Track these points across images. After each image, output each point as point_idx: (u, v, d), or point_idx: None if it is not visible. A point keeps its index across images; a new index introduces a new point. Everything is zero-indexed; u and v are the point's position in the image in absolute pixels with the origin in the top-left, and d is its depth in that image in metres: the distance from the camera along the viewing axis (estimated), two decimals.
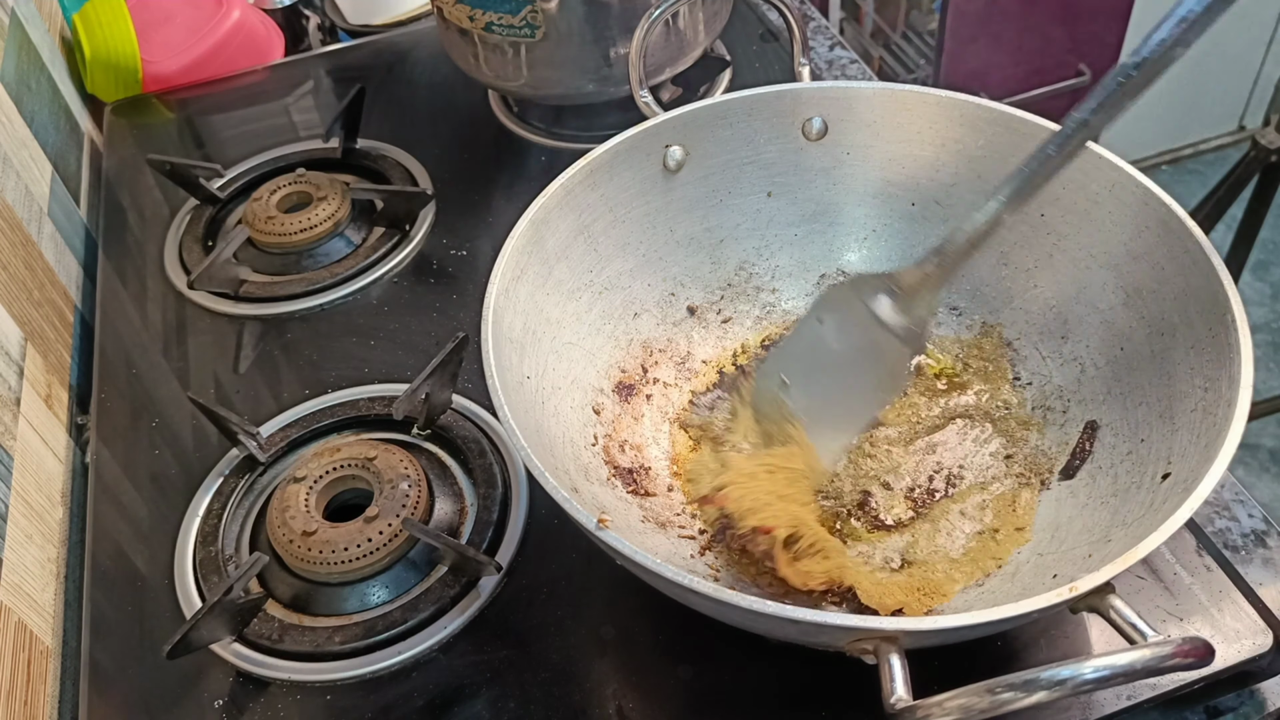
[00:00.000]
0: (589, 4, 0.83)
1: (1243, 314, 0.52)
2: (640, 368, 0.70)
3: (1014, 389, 0.67)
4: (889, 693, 0.42)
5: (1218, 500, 0.63)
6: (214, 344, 0.81)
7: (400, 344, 0.79)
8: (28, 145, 0.88)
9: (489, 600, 0.62)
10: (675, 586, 0.46)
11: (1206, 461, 0.48)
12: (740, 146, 0.70)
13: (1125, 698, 0.55)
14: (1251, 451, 1.81)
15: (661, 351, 0.71)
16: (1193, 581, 0.59)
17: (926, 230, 0.70)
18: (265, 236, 0.86)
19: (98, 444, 0.74)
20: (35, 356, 0.76)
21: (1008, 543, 0.59)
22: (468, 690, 0.58)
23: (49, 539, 0.70)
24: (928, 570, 0.59)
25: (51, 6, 1.10)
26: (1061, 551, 0.56)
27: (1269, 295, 2.05)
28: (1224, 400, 0.51)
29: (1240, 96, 2.24)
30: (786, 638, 0.50)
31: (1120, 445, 0.59)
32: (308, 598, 0.63)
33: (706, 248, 0.73)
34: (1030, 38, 1.80)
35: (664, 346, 0.71)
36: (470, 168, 0.94)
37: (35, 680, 0.62)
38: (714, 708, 0.57)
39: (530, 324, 0.62)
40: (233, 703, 0.59)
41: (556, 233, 0.65)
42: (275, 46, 1.11)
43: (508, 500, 0.67)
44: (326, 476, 0.66)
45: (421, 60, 1.07)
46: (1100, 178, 0.61)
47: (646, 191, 0.69)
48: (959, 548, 0.61)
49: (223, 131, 1.03)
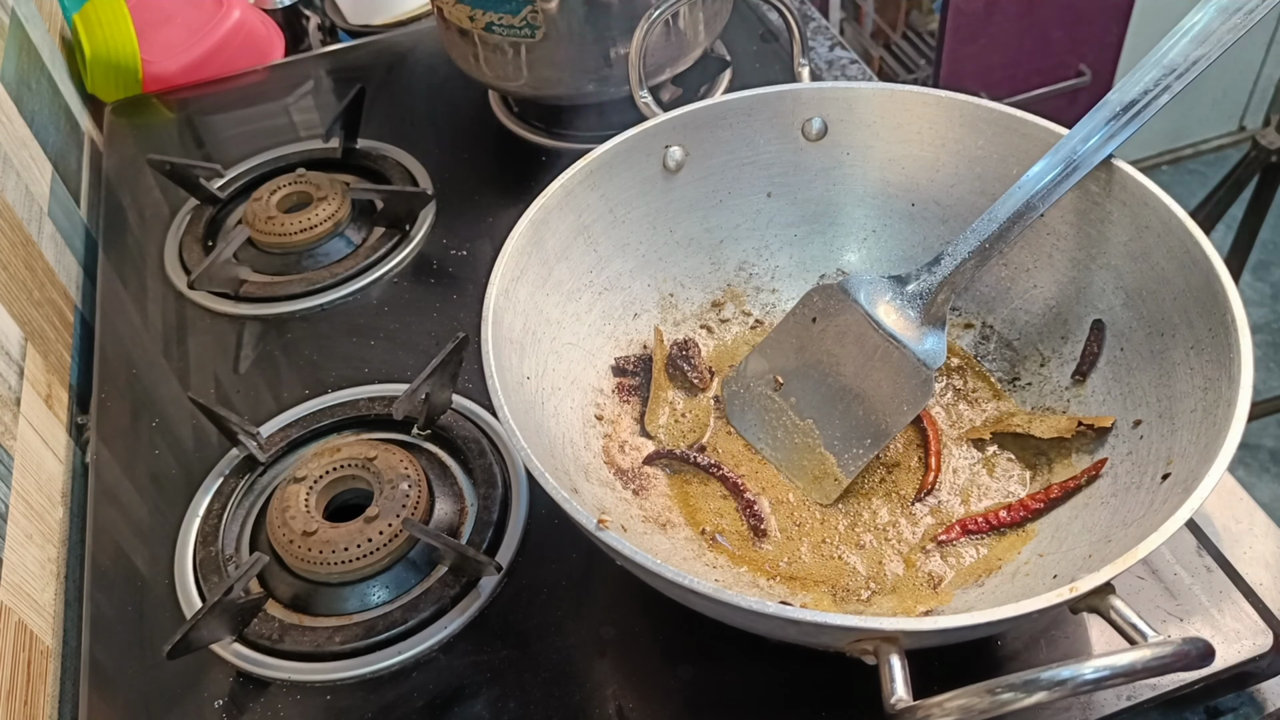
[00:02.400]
0: (589, 4, 0.83)
1: (1243, 314, 0.52)
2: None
3: (1014, 389, 0.67)
4: (889, 693, 0.42)
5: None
6: (214, 344, 0.81)
7: (400, 344, 0.79)
8: (28, 145, 0.88)
9: (489, 600, 0.62)
10: (675, 587, 0.46)
11: (1206, 461, 0.48)
12: (740, 147, 0.70)
13: (1125, 698, 0.55)
14: (1251, 451, 1.81)
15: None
16: (1193, 581, 0.59)
17: (926, 230, 0.70)
18: (265, 236, 0.86)
19: (98, 444, 0.74)
20: (35, 356, 0.76)
21: (1009, 542, 0.60)
22: (468, 690, 0.58)
23: (49, 539, 0.70)
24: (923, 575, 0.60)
25: (51, 6, 1.10)
26: (1061, 551, 0.56)
27: (1269, 295, 2.05)
28: (1224, 400, 0.51)
29: (1240, 96, 2.24)
30: (787, 638, 0.51)
31: (1120, 445, 0.59)
32: (308, 598, 0.63)
33: (706, 248, 0.73)
34: (1030, 38, 1.80)
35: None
36: (470, 168, 0.94)
37: (35, 680, 0.62)
38: (714, 708, 0.57)
39: (530, 324, 0.62)
40: (233, 703, 0.59)
41: (556, 233, 0.65)
42: (275, 46, 1.11)
43: (508, 500, 0.67)
44: (326, 476, 0.66)
45: (421, 60, 1.07)
46: (1100, 178, 0.61)
47: (646, 192, 0.69)
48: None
49: (223, 131, 1.03)
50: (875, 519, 0.63)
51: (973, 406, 0.68)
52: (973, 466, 0.64)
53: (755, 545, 0.62)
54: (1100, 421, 0.60)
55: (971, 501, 0.63)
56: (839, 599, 0.59)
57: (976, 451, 0.65)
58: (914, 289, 0.64)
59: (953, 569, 0.59)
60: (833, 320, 0.65)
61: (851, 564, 0.60)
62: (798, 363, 0.66)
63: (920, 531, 0.62)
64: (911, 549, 0.61)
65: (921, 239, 0.71)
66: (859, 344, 0.64)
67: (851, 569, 0.60)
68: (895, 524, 0.62)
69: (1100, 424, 0.60)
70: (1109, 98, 0.60)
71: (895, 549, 0.61)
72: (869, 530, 0.62)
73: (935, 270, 0.63)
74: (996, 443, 0.65)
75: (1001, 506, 0.61)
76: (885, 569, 0.60)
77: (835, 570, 0.60)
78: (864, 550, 0.61)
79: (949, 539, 0.60)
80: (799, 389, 0.66)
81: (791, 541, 0.62)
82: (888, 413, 0.63)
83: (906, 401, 0.63)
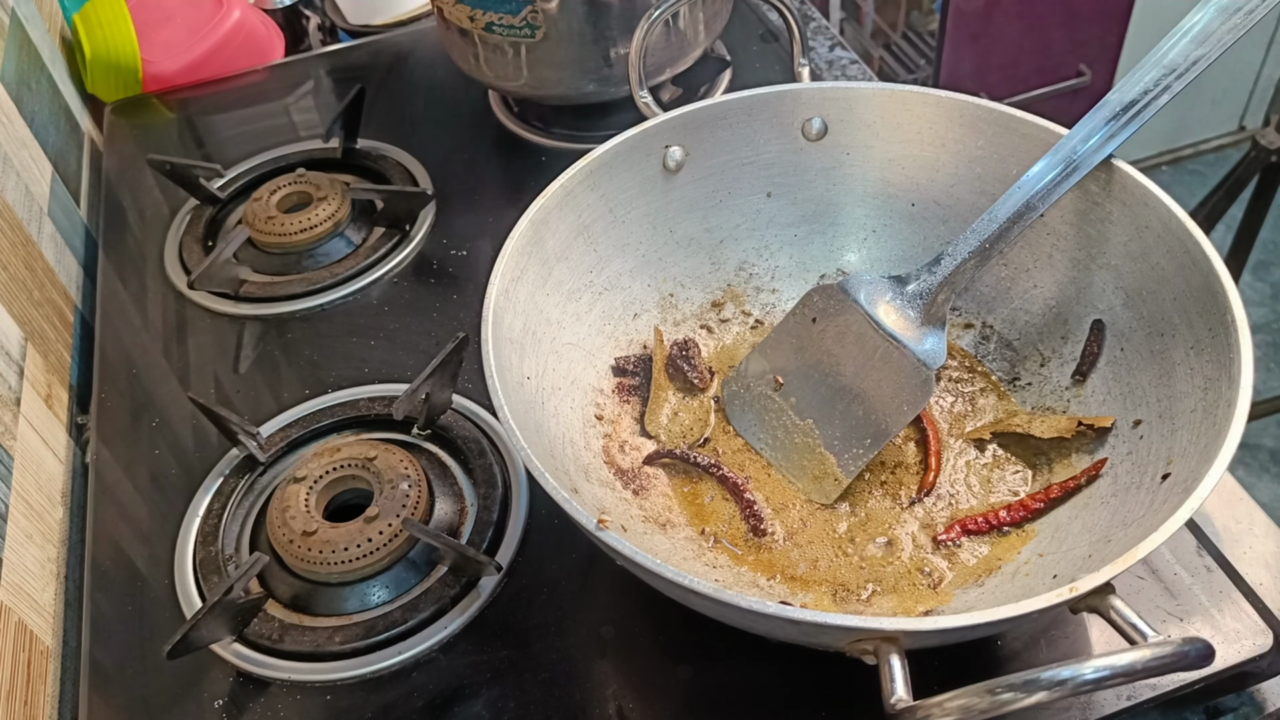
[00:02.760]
0: (589, 4, 0.83)
1: (1243, 314, 0.52)
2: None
3: (1014, 389, 0.67)
4: (889, 693, 0.42)
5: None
6: (214, 344, 0.81)
7: (400, 344, 0.79)
8: (28, 145, 0.88)
9: (489, 600, 0.62)
10: (675, 586, 0.46)
11: (1206, 462, 0.48)
12: (740, 147, 0.70)
13: (1125, 698, 0.55)
14: (1251, 452, 1.81)
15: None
16: (1193, 581, 0.59)
17: (926, 230, 0.70)
18: (265, 236, 0.86)
19: (98, 444, 0.74)
20: (35, 356, 0.76)
21: (1009, 542, 0.60)
22: (468, 690, 0.58)
23: (49, 539, 0.70)
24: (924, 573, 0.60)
25: (51, 6, 1.10)
26: (1061, 551, 0.56)
27: (1269, 295, 2.05)
28: (1224, 400, 0.51)
29: (1240, 96, 2.24)
30: (787, 638, 0.50)
31: (1120, 445, 0.59)
32: (308, 598, 0.63)
33: (706, 248, 0.73)
34: (1030, 38, 1.80)
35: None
36: (470, 168, 0.94)
37: (35, 680, 0.62)
38: (714, 708, 0.57)
39: (530, 324, 0.62)
40: (233, 703, 0.59)
41: (556, 233, 0.65)
42: (275, 46, 1.11)
43: (508, 500, 0.67)
44: (326, 476, 0.66)
45: (421, 60, 1.07)
46: (1100, 178, 0.61)
47: (646, 192, 0.69)
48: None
49: (223, 131, 1.03)
50: (875, 519, 0.63)
51: (973, 406, 0.68)
52: (973, 466, 0.64)
53: (755, 545, 0.62)
54: (1100, 421, 0.60)
55: (972, 501, 0.63)
56: (839, 599, 0.59)
57: (976, 451, 0.65)
58: (914, 289, 0.64)
59: (953, 569, 0.59)
60: (833, 320, 0.65)
61: (852, 563, 0.60)
62: (797, 363, 0.66)
63: (920, 531, 0.62)
64: (911, 549, 0.61)
65: (921, 239, 0.71)
66: (859, 344, 0.64)
67: (852, 568, 0.60)
68: (895, 524, 0.62)
69: (1100, 424, 0.60)
70: (1109, 98, 0.60)
71: (895, 549, 0.61)
72: (869, 530, 0.62)
73: (935, 270, 0.63)
74: (997, 442, 0.65)
75: (1002, 506, 0.61)
76: (885, 569, 0.60)
77: (835, 570, 0.60)
78: (864, 550, 0.61)
79: (949, 538, 0.60)
80: (799, 389, 0.66)
81: (791, 542, 0.62)
82: (888, 413, 0.63)
83: (906, 401, 0.63)
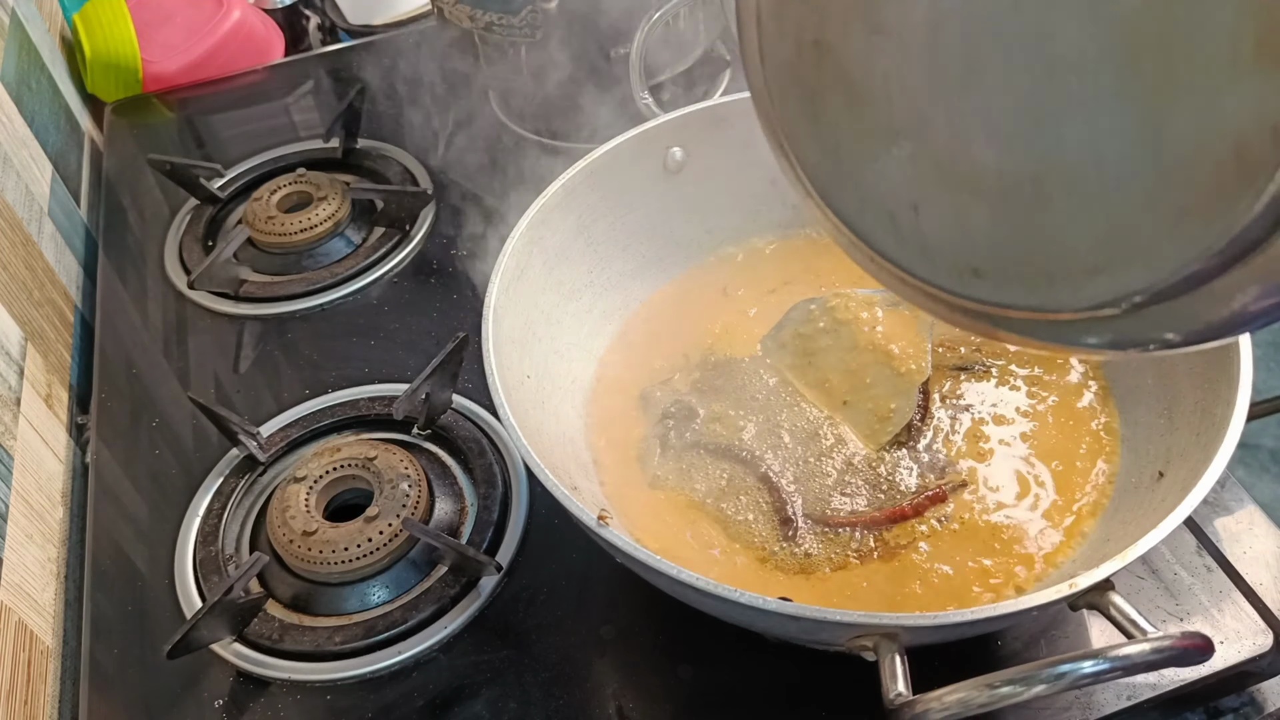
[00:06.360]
0: (589, 4, 0.83)
1: None
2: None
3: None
4: (889, 689, 0.42)
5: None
6: (214, 344, 0.81)
7: (400, 344, 0.79)
8: (28, 145, 0.88)
9: (489, 600, 0.62)
10: (675, 583, 0.46)
11: (1205, 461, 0.48)
12: (740, 148, 0.70)
13: (1125, 698, 0.55)
14: (1251, 451, 1.81)
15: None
16: (1193, 581, 0.59)
17: None
18: (265, 236, 0.86)
19: (98, 444, 0.74)
20: (35, 356, 0.76)
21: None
22: (468, 690, 0.58)
23: (49, 539, 0.70)
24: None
25: (51, 6, 1.10)
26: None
27: None
28: (1223, 400, 0.51)
29: None
30: (787, 635, 0.51)
31: (1120, 445, 0.59)
32: (308, 598, 0.63)
33: (707, 249, 0.73)
34: None
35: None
36: (470, 168, 0.94)
37: (35, 680, 0.62)
38: (714, 708, 0.57)
39: (530, 324, 0.62)
40: (233, 703, 0.59)
41: (556, 233, 0.65)
42: (275, 46, 1.11)
43: (508, 500, 0.67)
44: (326, 476, 0.66)
45: (421, 60, 1.07)
46: None
47: (646, 192, 0.69)
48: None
49: (223, 131, 1.03)
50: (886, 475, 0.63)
51: (978, 382, 0.67)
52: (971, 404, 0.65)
53: (781, 539, 0.61)
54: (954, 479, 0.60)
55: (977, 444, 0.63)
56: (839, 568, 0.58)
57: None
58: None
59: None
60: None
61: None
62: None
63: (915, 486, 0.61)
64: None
65: None
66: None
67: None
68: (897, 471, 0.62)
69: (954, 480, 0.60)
70: None
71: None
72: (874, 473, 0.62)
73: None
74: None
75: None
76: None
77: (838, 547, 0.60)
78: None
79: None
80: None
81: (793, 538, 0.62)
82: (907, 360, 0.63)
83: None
